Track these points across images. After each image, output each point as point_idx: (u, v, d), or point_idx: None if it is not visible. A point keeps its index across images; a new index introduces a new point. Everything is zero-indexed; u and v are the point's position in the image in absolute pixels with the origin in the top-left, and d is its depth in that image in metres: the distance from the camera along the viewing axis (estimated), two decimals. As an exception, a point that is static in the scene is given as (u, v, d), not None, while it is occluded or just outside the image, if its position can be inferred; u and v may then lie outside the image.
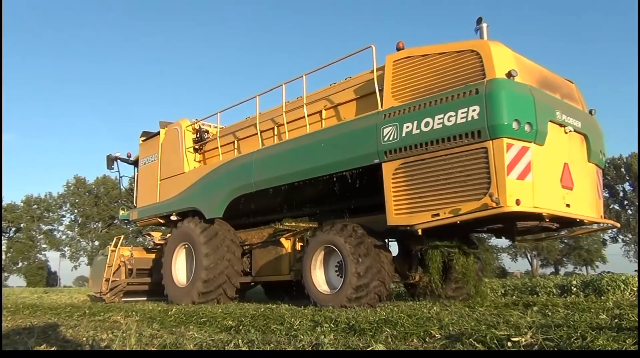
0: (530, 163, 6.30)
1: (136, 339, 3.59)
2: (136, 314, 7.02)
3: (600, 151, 7.89)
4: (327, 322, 4.88)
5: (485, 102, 6.23)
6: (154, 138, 12.28)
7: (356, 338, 3.82)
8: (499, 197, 6.03)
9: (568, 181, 6.97)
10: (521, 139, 6.27)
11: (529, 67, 7.08)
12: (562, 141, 6.99)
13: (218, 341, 3.76)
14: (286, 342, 3.64)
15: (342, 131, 7.89)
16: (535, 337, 3.34)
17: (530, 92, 6.49)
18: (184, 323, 5.76)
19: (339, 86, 8.60)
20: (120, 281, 12.07)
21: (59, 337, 4.23)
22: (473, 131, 6.29)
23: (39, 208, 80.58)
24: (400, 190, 6.96)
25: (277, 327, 4.78)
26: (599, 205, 7.85)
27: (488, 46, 6.57)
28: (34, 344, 3.54)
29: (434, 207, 6.59)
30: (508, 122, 6.15)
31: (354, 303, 7.28)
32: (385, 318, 4.71)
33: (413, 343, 3.65)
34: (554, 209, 6.63)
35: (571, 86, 8.11)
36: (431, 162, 6.67)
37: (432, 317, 5.01)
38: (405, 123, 6.92)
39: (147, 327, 4.99)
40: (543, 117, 6.54)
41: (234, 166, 9.70)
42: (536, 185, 6.34)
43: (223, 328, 5.05)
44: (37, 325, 5.40)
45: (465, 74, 6.62)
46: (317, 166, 8.04)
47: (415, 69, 7.16)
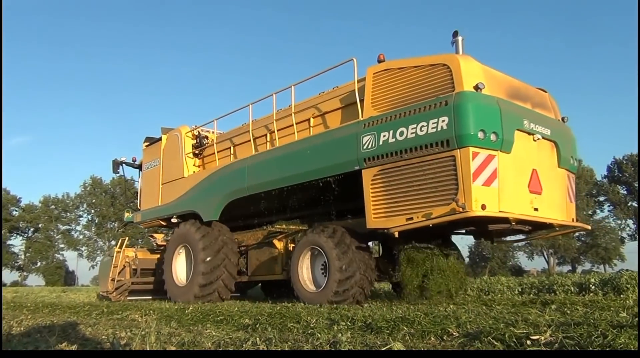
0: (496, 170, 6.72)
1: (156, 337, 3.62)
2: (153, 313, 7.07)
3: (572, 156, 8.24)
4: (344, 320, 4.87)
5: (453, 113, 6.65)
6: (156, 144, 12.77)
7: (373, 337, 3.82)
8: (465, 202, 6.44)
9: (536, 186, 7.38)
10: (487, 148, 6.69)
11: (499, 79, 7.45)
12: (531, 148, 7.39)
13: (236, 339, 3.78)
14: (303, 340, 3.65)
15: (326, 139, 8.35)
16: (555, 335, 3.30)
17: (497, 104, 6.89)
18: (201, 321, 5.79)
19: (326, 95, 9.01)
20: (125, 281, 12.60)
21: (78, 336, 4.27)
22: (442, 140, 6.72)
23: (56, 208, 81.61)
24: (378, 195, 7.41)
25: (294, 325, 4.79)
26: (570, 208, 8.22)
27: (457, 60, 6.97)
28: (55, 342, 3.58)
29: (408, 211, 7.04)
30: (474, 132, 6.57)
31: (337, 301, 7.67)
32: (402, 317, 4.69)
33: (431, 342, 3.63)
34: (521, 213, 7.04)
35: (544, 95, 8.45)
36: (406, 169, 7.12)
37: (449, 315, 4.99)
38: (382, 132, 7.37)
39: (165, 326, 5.03)
40: (509, 127, 6.94)
41: (229, 172, 10.20)
42: (502, 191, 6.77)
43: (240, 327, 5.07)
44: (57, 324, 5.47)
45: (437, 86, 7.03)
46: (304, 172, 8.49)
47: (393, 81, 7.57)
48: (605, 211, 63.82)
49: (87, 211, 79.03)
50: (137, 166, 14.03)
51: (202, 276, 10.03)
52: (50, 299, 15.11)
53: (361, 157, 7.58)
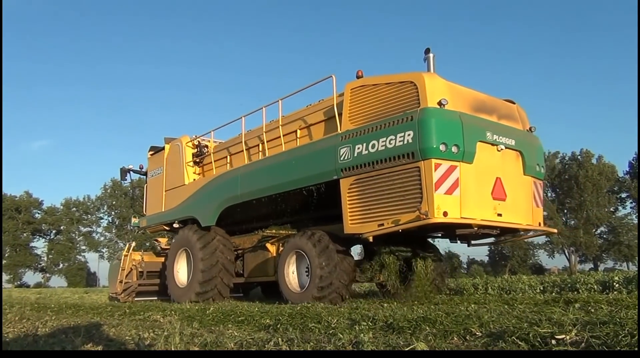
0: (458, 180, 7.25)
1: (180, 338, 3.65)
2: (175, 313, 7.12)
3: (538, 164, 8.72)
4: (365, 320, 4.86)
5: (418, 128, 7.23)
6: (159, 153, 13.53)
7: (395, 337, 3.80)
8: (427, 210, 7.00)
9: (500, 193, 7.89)
10: (449, 160, 7.23)
11: (464, 94, 7.99)
12: (494, 158, 7.90)
13: (258, 340, 3.79)
14: (326, 340, 3.64)
15: (309, 150, 9.00)
16: (581, 334, 3.26)
17: (459, 118, 7.44)
18: (222, 322, 5.83)
19: (312, 108, 9.53)
20: (132, 283, 13.24)
21: (102, 336, 4.32)
22: (408, 152, 7.30)
23: (77, 210, 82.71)
24: (354, 203, 8.01)
25: (315, 325, 4.79)
26: (536, 213, 8.67)
27: (423, 78, 7.54)
28: (80, 343, 3.63)
29: (380, 217, 7.61)
30: (436, 145, 7.12)
31: (319, 300, 8.17)
32: (423, 317, 4.66)
33: (454, 342, 3.61)
34: (483, 218, 7.57)
35: (512, 106, 8.93)
36: (377, 179, 7.70)
37: (471, 314, 4.94)
38: (357, 144, 7.97)
39: (187, 326, 5.07)
40: (471, 139, 7.47)
41: (224, 180, 10.88)
42: (464, 198, 7.29)
43: (261, 327, 5.09)
44: (81, 325, 5.53)
45: (405, 102, 7.61)
46: (290, 181, 9.14)
47: (368, 96, 8.15)
48: (628, 208, 62.71)
49: (107, 213, 79.99)
50: (143, 173, 14.64)
51: (201, 277, 10.60)
52: (73, 300, 15.33)
53: (339, 167, 8.19)
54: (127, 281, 13.18)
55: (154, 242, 15.21)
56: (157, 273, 13.35)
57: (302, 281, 8.99)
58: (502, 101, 8.80)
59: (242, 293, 12.91)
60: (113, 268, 14.24)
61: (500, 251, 73.02)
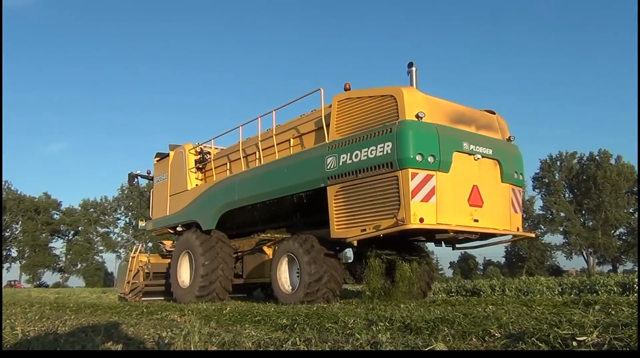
0: (434, 188, 7.66)
1: (200, 337, 3.66)
2: (192, 313, 7.16)
3: (516, 172, 9.04)
4: (382, 320, 4.84)
5: (396, 139, 7.64)
6: (164, 159, 14.06)
7: (413, 337, 3.78)
8: (404, 216, 7.43)
9: (477, 200, 8.25)
10: (425, 169, 7.63)
11: (442, 107, 8.38)
12: (472, 166, 8.26)
13: (275, 339, 3.79)
14: (343, 340, 3.63)
15: (299, 159, 9.45)
16: (602, 336, 3.21)
17: (436, 130, 7.83)
18: (239, 321, 5.84)
19: (305, 117, 9.95)
20: (139, 284, 13.75)
21: (121, 335, 4.36)
22: (387, 162, 7.71)
23: (95, 211, 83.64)
24: (340, 209, 8.45)
25: (332, 325, 4.79)
26: (514, 219, 8.99)
27: (402, 92, 7.94)
28: (100, 342, 3.67)
29: (362, 223, 8.05)
30: (413, 155, 7.54)
31: (308, 300, 8.58)
32: (441, 317, 4.63)
33: (472, 342, 3.58)
34: (459, 224, 7.96)
35: (491, 117, 9.27)
36: (360, 187, 8.13)
37: (489, 315, 4.90)
38: (342, 154, 8.40)
39: (204, 326, 5.09)
40: (447, 149, 7.86)
41: (223, 186, 11.37)
42: (440, 205, 7.70)
43: (278, 327, 5.09)
44: (100, 324, 5.59)
45: (385, 115, 8.02)
46: (282, 188, 9.59)
47: (353, 108, 8.58)
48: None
49: (124, 214, 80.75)
50: (150, 178, 15.23)
51: (201, 280, 11.04)
52: (91, 300, 15.50)
53: (325, 176, 8.63)
54: (134, 281, 13.74)
55: (159, 244, 15.65)
56: (163, 274, 13.75)
57: (293, 283, 9.40)
58: (482, 112, 9.17)
59: (245, 294, 13.36)
60: (121, 269, 14.81)
61: (517, 252, 72.38)
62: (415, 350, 2.92)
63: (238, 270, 11.94)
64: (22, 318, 6.94)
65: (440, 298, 11.12)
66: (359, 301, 8.79)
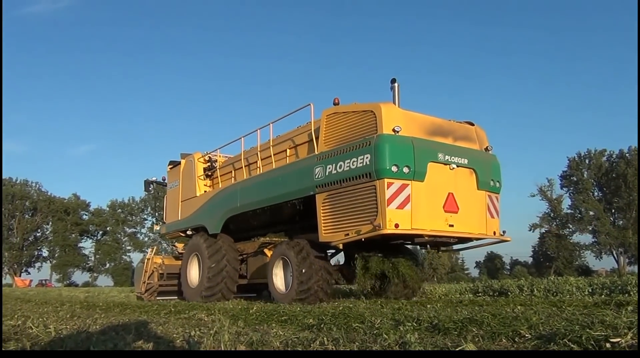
0: (409, 196, 8.25)
1: (229, 336, 3.69)
2: (219, 312, 7.23)
3: (492, 179, 9.55)
4: (409, 320, 4.82)
5: (374, 151, 8.25)
6: (177, 167, 14.84)
7: (442, 338, 3.75)
8: (380, 222, 8.02)
9: (452, 207, 8.80)
10: (401, 179, 8.22)
11: (419, 121, 8.97)
12: (447, 175, 8.81)
13: (303, 339, 3.80)
14: (371, 340, 3.62)
15: (292, 169, 10.17)
16: (637, 337, 3.14)
17: (411, 142, 8.41)
18: (266, 321, 5.87)
19: (301, 129, 10.56)
20: (154, 284, 14.50)
21: (151, 334, 4.42)
22: (366, 172, 8.35)
23: (123, 211, 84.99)
24: (327, 215, 9.10)
25: (359, 325, 4.78)
26: (491, 223, 9.50)
27: (380, 108, 8.57)
28: (131, 340, 3.73)
29: (346, 228, 8.69)
30: (389, 166, 8.14)
31: (300, 299, 9.17)
32: (469, 318, 4.59)
33: (502, 343, 3.53)
34: (434, 229, 8.55)
35: (470, 128, 9.77)
36: (344, 195, 8.79)
37: (518, 316, 4.84)
38: (328, 165, 9.07)
39: (232, 325, 5.13)
40: (422, 160, 8.44)
41: (227, 193, 12.16)
42: (415, 212, 8.30)
43: (305, 327, 5.10)
44: (130, 322, 5.68)
45: (365, 129, 8.67)
46: (277, 195, 10.31)
47: (339, 122, 9.24)
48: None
49: (151, 214, 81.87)
50: (164, 185, 16.17)
51: (208, 280, 11.70)
52: (120, 299, 15.77)
53: (314, 184, 9.28)
54: (149, 282, 14.52)
55: (172, 247, 16.62)
56: (176, 275, 14.28)
57: (287, 283, 10.02)
58: (460, 124, 9.73)
59: (255, 294, 13.77)
60: (138, 270, 15.60)
61: (545, 252, 71.23)
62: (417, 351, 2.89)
63: (243, 271, 12.62)
64: (54, 316, 7.10)
65: (467, 299, 11.02)
66: (385, 301, 8.83)
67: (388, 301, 8.60)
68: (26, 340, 4.12)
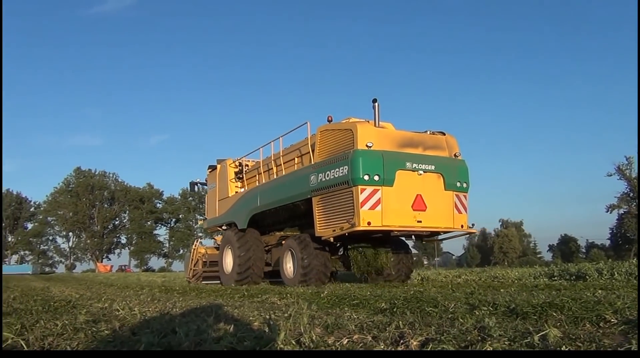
0: (380, 199, 10.11)
1: (308, 319, 3.76)
2: (291, 296, 7.37)
3: (459, 181, 11.25)
4: (485, 305, 4.73)
5: (350, 163, 10.20)
6: (214, 171, 17.31)
7: (521, 322, 3.65)
8: (355, 221, 10.02)
9: (420, 206, 10.58)
10: (372, 185, 10.09)
11: (391, 136, 10.86)
12: (415, 180, 10.59)
13: (378, 322, 3.81)
14: (447, 324, 3.58)
15: (295, 176, 12.30)
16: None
17: (381, 155, 10.26)
18: (338, 305, 5.92)
19: (305, 141, 12.24)
20: (199, 270, 17.36)
21: (228, 316, 4.57)
22: (346, 180, 10.31)
23: (193, 199, 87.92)
24: (320, 214, 11.17)
25: (432, 309, 4.74)
26: (458, 218, 11.19)
27: (357, 126, 10.47)
28: (212, 322, 3.88)
29: (333, 225, 10.78)
30: (362, 176, 10.04)
31: (303, 283, 11.18)
32: (549, 302, 4.45)
33: (586, 328, 3.40)
34: (402, 225, 10.39)
35: (440, 138, 11.48)
36: (331, 198, 10.85)
37: (601, 300, 4.64)
38: (320, 173, 11.10)
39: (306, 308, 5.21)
40: (391, 169, 10.27)
41: (251, 194, 14.61)
42: (385, 212, 10.16)
43: (377, 310, 5.11)
44: (207, 306, 5.90)
45: (346, 144, 10.58)
46: (285, 197, 12.52)
47: (329, 137, 11.20)
48: None
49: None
50: (206, 185, 18.73)
51: (238, 267, 13.92)
52: (194, 283, 16.45)
53: (310, 189, 11.36)
54: (195, 268, 17.36)
55: (212, 239, 19.01)
56: (217, 263, 16.26)
57: (294, 269, 12.12)
58: (431, 135, 11.45)
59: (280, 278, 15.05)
60: (186, 259, 18.64)
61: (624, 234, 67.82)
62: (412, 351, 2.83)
63: (268, 260, 14.67)
64: (135, 300, 7.48)
65: (543, 283, 10.67)
66: (457, 285, 8.72)
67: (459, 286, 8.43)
68: (115, 321, 4.37)
